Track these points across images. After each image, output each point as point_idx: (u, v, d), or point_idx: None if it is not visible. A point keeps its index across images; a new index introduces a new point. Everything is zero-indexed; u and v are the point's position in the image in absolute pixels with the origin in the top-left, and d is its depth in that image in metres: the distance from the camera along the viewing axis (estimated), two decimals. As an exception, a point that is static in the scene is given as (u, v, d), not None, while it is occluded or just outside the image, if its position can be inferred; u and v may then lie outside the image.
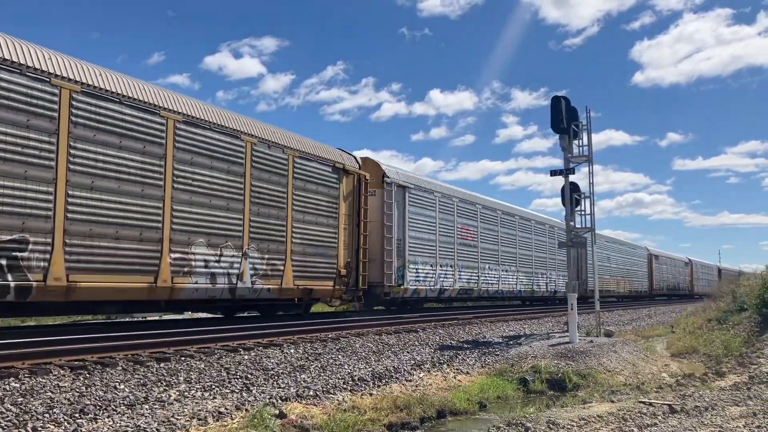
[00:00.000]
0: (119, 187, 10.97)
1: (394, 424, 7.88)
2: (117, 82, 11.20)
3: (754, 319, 17.27)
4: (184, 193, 12.21)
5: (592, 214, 15.41)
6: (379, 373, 10.01)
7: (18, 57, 9.70)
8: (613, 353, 13.18)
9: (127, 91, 11.29)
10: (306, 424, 7.02)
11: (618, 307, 33.96)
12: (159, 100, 11.91)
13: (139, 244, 11.26)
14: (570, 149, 15.22)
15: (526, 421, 7.38)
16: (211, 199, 12.81)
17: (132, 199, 11.19)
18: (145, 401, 6.98)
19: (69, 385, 7.18)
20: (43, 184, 9.81)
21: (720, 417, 7.23)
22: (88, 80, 10.66)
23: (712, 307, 24.59)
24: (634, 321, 25.55)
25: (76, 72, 10.54)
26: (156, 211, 11.62)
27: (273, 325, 13.34)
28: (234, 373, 8.69)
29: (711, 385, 10.05)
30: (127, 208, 11.10)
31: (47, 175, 9.88)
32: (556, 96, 15.38)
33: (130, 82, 11.53)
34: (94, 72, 10.89)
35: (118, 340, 9.81)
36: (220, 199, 13.03)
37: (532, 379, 11.17)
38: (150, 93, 11.81)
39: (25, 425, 5.82)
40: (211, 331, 11.67)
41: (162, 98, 12.03)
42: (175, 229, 11.95)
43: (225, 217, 13.13)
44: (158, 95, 11.97)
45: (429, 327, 15.94)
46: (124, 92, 11.22)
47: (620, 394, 9.77)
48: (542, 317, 22.23)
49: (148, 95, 11.74)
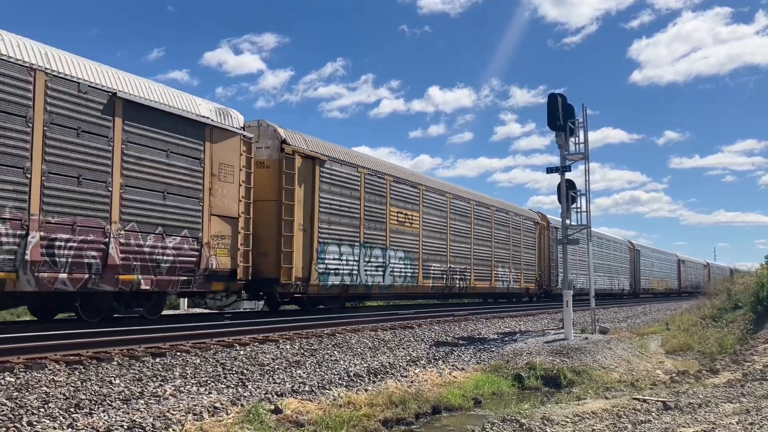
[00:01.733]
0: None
1: (389, 419, 7.91)
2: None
3: (749, 317, 17.35)
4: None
5: (588, 211, 15.46)
6: (375, 368, 10.03)
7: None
8: (608, 350, 13.23)
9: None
10: (301, 420, 7.04)
11: (613, 304, 34.05)
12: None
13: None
14: (566, 147, 15.25)
15: (521, 417, 7.42)
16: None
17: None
18: (141, 396, 6.99)
19: (64, 379, 7.18)
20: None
21: (713, 414, 7.27)
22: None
23: (707, 305, 24.69)
24: (629, 318, 25.63)
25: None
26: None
27: (269, 321, 13.35)
28: (230, 368, 8.70)
29: (705, 383, 10.11)
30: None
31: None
32: (553, 93, 15.43)
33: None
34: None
35: (114, 335, 9.79)
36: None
37: (527, 375, 11.21)
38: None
39: (20, 420, 5.82)
40: (206, 327, 11.67)
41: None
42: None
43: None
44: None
45: (425, 323, 15.97)
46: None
47: (615, 391, 9.82)
48: (537, 314, 22.29)
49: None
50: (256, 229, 14.19)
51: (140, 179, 11.28)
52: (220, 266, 12.89)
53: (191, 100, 12.69)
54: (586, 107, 15.65)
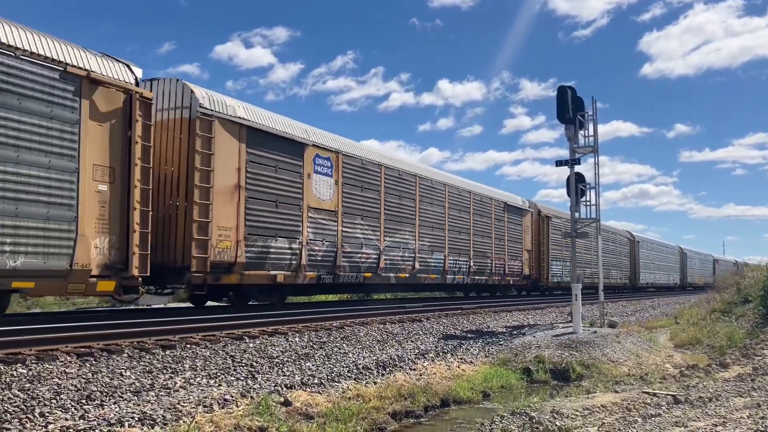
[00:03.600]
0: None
1: (398, 412, 7.92)
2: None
3: (759, 311, 17.24)
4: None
5: (597, 205, 15.39)
6: (384, 361, 10.04)
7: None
8: (617, 344, 13.19)
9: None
10: (311, 412, 7.06)
11: (621, 298, 33.94)
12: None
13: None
14: (576, 140, 15.17)
15: (530, 410, 7.41)
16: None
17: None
18: (151, 388, 7.02)
19: (76, 371, 7.23)
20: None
21: (724, 408, 7.23)
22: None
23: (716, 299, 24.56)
24: (638, 312, 25.55)
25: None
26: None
27: (278, 314, 13.38)
28: (239, 360, 8.73)
29: (715, 377, 10.05)
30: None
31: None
32: (562, 86, 15.31)
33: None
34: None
35: (124, 327, 9.85)
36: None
37: (535, 369, 11.20)
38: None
39: (33, 411, 5.86)
40: (216, 319, 11.71)
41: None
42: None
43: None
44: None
45: (433, 317, 15.97)
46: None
47: (624, 385, 9.79)
48: (546, 308, 22.24)
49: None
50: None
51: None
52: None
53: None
54: (595, 100, 15.56)
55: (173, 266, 12.10)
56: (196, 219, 12.03)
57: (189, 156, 12.25)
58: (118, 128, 10.33)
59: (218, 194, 12.52)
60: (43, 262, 9.15)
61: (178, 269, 12.07)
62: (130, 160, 10.40)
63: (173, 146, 12.57)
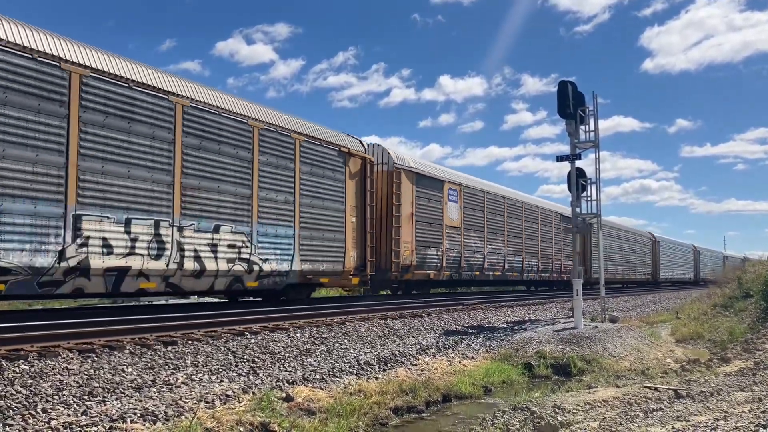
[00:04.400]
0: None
1: (399, 407, 7.93)
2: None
3: (760, 306, 17.24)
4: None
5: (598, 200, 15.38)
6: (385, 357, 10.05)
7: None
8: (618, 339, 13.19)
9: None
10: (312, 407, 7.07)
11: (623, 293, 33.96)
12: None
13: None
14: (576, 135, 15.15)
15: (531, 405, 7.41)
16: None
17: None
18: (153, 384, 7.03)
19: (77, 367, 7.24)
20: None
21: (725, 402, 7.24)
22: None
23: (717, 294, 24.55)
24: (639, 307, 25.56)
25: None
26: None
27: (279, 310, 13.39)
28: (241, 356, 8.74)
29: (716, 371, 10.06)
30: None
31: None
32: (563, 81, 15.30)
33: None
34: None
35: (125, 323, 9.87)
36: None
37: (537, 364, 11.20)
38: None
39: (35, 407, 5.87)
40: (217, 315, 11.73)
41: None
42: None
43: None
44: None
45: (434, 312, 15.98)
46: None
47: (625, 380, 9.80)
48: (547, 303, 22.26)
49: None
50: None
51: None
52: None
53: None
54: (596, 95, 15.56)
55: (381, 268, 18.11)
56: (393, 237, 18.53)
57: (388, 195, 18.78)
58: (360, 181, 17.11)
59: (403, 220, 19.01)
60: (332, 266, 15.81)
61: (383, 270, 18.23)
62: (365, 201, 17.16)
63: (380, 189, 18.77)
